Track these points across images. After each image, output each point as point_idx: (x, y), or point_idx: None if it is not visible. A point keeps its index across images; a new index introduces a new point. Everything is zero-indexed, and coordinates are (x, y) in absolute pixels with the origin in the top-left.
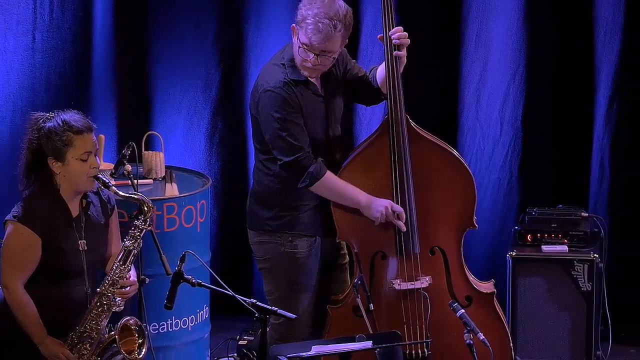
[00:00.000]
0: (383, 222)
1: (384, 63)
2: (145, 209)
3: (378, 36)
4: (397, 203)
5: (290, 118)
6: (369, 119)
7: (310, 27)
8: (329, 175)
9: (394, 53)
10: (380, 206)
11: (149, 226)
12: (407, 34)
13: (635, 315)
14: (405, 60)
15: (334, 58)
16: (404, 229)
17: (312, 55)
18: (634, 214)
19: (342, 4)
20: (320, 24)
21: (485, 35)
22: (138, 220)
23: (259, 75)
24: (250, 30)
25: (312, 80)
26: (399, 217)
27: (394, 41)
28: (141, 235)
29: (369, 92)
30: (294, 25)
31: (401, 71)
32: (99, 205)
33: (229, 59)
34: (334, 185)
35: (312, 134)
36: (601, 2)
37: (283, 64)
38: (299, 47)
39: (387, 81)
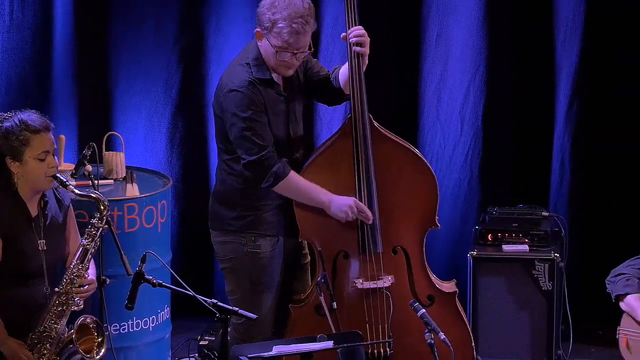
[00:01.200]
0: (345, 222)
1: (346, 64)
2: (102, 207)
3: (341, 35)
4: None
5: (256, 117)
6: (329, 118)
7: (285, 30)
8: (293, 175)
9: (354, 49)
10: (345, 205)
11: (105, 224)
12: (365, 32)
13: (595, 314)
14: (367, 60)
15: (308, 49)
16: (370, 221)
17: (289, 55)
18: (595, 213)
19: None
20: (294, 25)
21: (446, 35)
22: (94, 219)
23: (223, 74)
24: (211, 31)
25: (275, 79)
26: (364, 214)
27: (351, 39)
28: (98, 233)
29: (330, 92)
30: (258, 30)
31: (364, 70)
32: (56, 205)
33: (189, 59)
34: (298, 185)
35: (275, 133)
36: (561, 2)
37: (248, 64)
38: (274, 51)
39: (349, 81)
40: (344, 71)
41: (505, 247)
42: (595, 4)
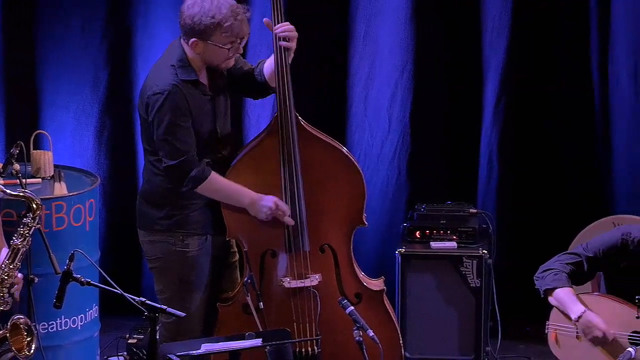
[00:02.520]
0: (272, 221)
1: (271, 56)
2: (34, 206)
3: (264, 20)
4: (287, 201)
5: (179, 122)
6: (257, 116)
7: (235, 25)
8: (214, 176)
9: (280, 43)
10: (266, 205)
11: (37, 224)
12: (293, 27)
13: (524, 310)
14: (293, 53)
15: None
16: (292, 223)
17: (231, 49)
18: (522, 209)
19: None
20: (239, 17)
21: (374, 32)
22: (27, 219)
23: (148, 76)
24: (138, 29)
25: (200, 80)
26: (285, 213)
27: (279, 34)
28: (30, 233)
29: (255, 86)
30: (195, 40)
31: (289, 63)
32: None
33: (117, 58)
34: (219, 186)
35: (202, 132)
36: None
37: (173, 65)
38: (225, 49)
39: (276, 78)
40: (269, 64)
41: (434, 244)
42: (522, 1)
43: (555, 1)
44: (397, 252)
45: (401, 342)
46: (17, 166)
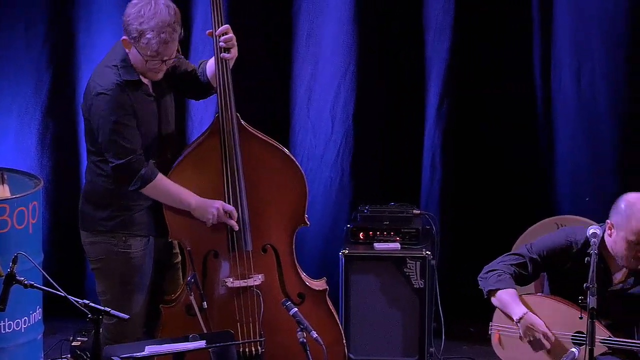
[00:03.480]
0: (215, 222)
1: (213, 57)
2: None
3: (207, 32)
4: (229, 202)
5: (124, 121)
6: (200, 118)
7: (153, 41)
8: (160, 177)
9: (222, 56)
10: (212, 208)
11: None
12: (233, 36)
13: (467, 311)
14: (236, 54)
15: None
16: (236, 227)
17: (158, 63)
18: (465, 210)
19: (164, 2)
20: (163, 35)
21: (316, 34)
22: None
23: (91, 77)
24: (81, 31)
25: (143, 80)
26: (231, 217)
27: (220, 44)
28: None
29: (198, 87)
30: (125, 38)
31: (231, 67)
32: None
33: (59, 59)
34: (165, 188)
35: (145, 134)
36: (430, 1)
37: (115, 65)
38: (145, 60)
39: (217, 80)
40: (210, 64)
41: (377, 245)
42: (463, 2)
43: (498, 2)
44: (340, 253)
45: (345, 343)
46: None
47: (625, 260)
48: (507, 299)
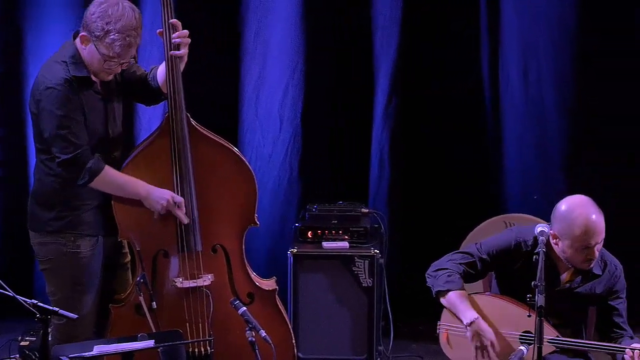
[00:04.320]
0: (164, 220)
1: (164, 63)
2: None
3: (158, 31)
4: None
5: (71, 115)
6: (148, 117)
7: (117, 42)
8: (108, 169)
9: (172, 53)
10: (162, 197)
11: None
12: (187, 32)
13: (416, 309)
14: (186, 58)
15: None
16: (185, 220)
17: (115, 64)
18: (414, 209)
19: (129, 5)
20: (128, 38)
21: (264, 33)
22: None
23: (39, 72)
24: (30, 30)
25: (93, 78)
26: (179, 208)
27: (173, 40)
28: None
29: (148, 92)
30: (85, 34)
31: (182, 69)
32: None
33: (7, 59)
34: (113, 178)
35: (92, 131)
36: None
37: (65, 61)
38: (103, 59)
39: (167, 80)
40: (161, 70)
41: (325, 244)
42: (412, 1)
43: (446, 1)
44: (289, 252)
45: (294, 342)
46: None
47: (576, 264)
48: (458, 301)
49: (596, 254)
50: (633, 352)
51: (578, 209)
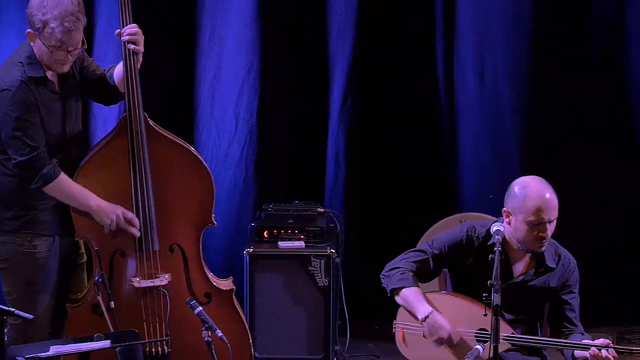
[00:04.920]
0: (114, 229)
1: (121, 62)
2: None
3: (116, 32)
4: (136, 202)
5: (27, 117)
6: (104, 117)
7: (57, 30)
8: (63, 177)
9: (128, 46)
10: (111, 213)
11: None
12: (139, 30)
13: (372, 309)
14: (141, 58)
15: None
16: (137, 234)
17: (63, 53)
18: (370, 208)
19: None
20: (66, 24)
21: (219, 32)
22: None
23: None
24: None
25: (49, 77)
26: (131, 224)
27: (125, 37)
28: None
29: (106, 91)
30: (30, 31)
31: (138, 68)
32: None
33: None
34: (66, 188)
35: (50, 131)
36: None
37: (21, 62)
38: (49, 51)
39: (124, 79)
40: (118, 70)
41: (281, 244)
42: (367, 0)
43: (401, 0)
44: (245, 252)
45: (250, 341)
46: None
47: (529, 244)
48: (412, 297)
49: (549, 232)
50: (600, 351)
51: (532, 184)
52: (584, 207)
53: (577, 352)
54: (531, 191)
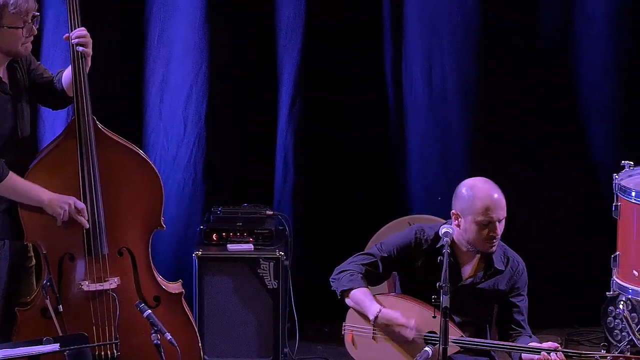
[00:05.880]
0: (70, 224)
1: (70, 66)
2: None
3: (64, 36)
4: (85, 204)
5: None
6: (52, 120)
7: (19, 1)
8: (12, 175)
9: (77, 49)
10: (63, 203)
11: None
12: (88, 34)
13: (321, 311)
14: (89, 61)
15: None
16: (87, 225)
17: (25, 29)
18: (319, 210)
19: None
20: None
21: (168, 35)
22: None
23: None
24: None
25: (2, 78)
26: (81, 214)
27: (74, 41)
28: None
29: (54, 95)
30: None
31: (87, 72)
32: None
33: None
34: (17, 185)
35: (1, 133)
36: (283, 2)
37: None
38: (15, 32)
39: (73, 83)
40: (67, 74)
41: (230, 247)
42: (315, 3)
43: (349, 5)
44: (194, 254)
45: (200, 344)
46: None
47: (479, 244)
48: (362, 297)
49: (498, 232)
50: (549, 354)
51: (480, 184)
52: (532, 209)
53: (525, 355)
54: (479, 192)
